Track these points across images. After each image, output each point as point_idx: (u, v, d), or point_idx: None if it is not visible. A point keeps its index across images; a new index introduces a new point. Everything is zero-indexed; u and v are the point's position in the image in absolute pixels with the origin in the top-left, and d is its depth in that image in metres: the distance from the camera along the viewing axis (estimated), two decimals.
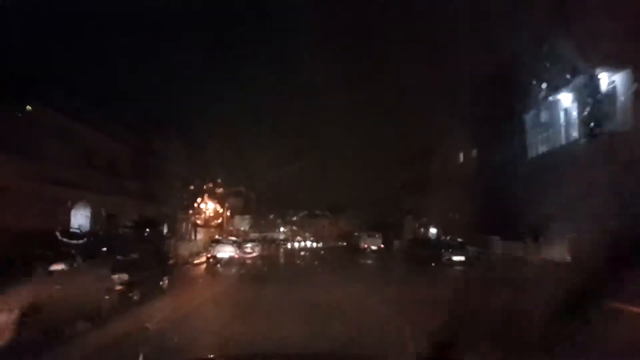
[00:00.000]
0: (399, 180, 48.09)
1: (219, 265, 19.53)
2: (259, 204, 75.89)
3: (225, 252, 20.79)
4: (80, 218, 19.76)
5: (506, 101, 26.16)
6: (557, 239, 19.38)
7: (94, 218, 20.49)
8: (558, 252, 17.99)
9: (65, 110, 18.45)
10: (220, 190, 45.80)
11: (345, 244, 68.20)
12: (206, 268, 18.85)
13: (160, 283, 9.79)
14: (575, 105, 20.47)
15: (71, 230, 16.69)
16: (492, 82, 26.32)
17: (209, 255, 20.92)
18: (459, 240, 22.07)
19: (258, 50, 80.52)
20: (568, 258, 16.86)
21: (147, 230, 21.85)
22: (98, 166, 21.56)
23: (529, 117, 24.35)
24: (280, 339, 5.54)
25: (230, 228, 44.76)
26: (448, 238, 26.03)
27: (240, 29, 74.47)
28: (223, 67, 73.63)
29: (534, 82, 23.19)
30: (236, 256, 20.98)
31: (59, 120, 18.17)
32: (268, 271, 17.62)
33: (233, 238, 23.57)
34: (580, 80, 19.64)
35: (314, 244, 73.03)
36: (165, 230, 29.52)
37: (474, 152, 31.01)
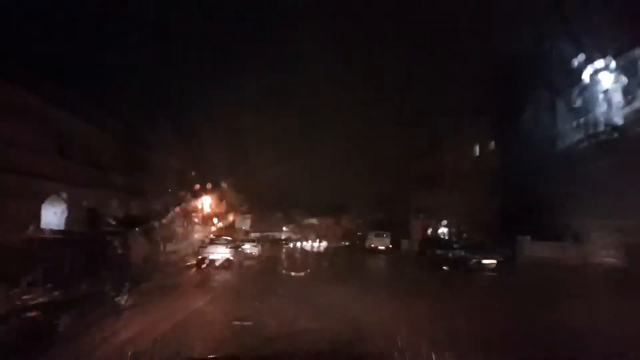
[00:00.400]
0: (406, 177, 45.59)
1: (210, 270, 16.90)
2: (261, 203, 73.46)
3: (219, 253, 18.17)
4: (54, 215, 17.35)
5: (531, 85, 23.69)
6: (599, 239, 16.90)
7: (71, 215, 18.07)
8: (606, 254, 15.48)
9: (36, 89, 16.05)
10: (219, 186, 43.43)
11: (348, 243, 66.22)
12: (194, 273, 16.28)
13: (117, 298, 7.27)
14: (618, 85, 17.97)
15: None
16: (514, 65, 23.89)
17: (199, 258, 18.34)
18: (482, 240, 19.38)
19: (259, 44, 78.21)
20: (618, 261, 14.33)
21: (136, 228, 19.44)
22: (77, 156, 19.15)
23: (560, 102, 21.83)
24: None
25: (220, 225, 42.04)
26: (465, 237, 23.52)
27: (241, 22, 72.07)
28: (222, 60, 71.15)
29: (567, 61, 20.69)
30: (232, 258, 18.38)
31: (29, 100, 15.76)
32: (267, 277, 15.08)
33: (227, 237, 20.81)
34: (626, 56, 17.16)
35: (317, 244, 70.99)
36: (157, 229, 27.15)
37: (492, 144, 28.51)
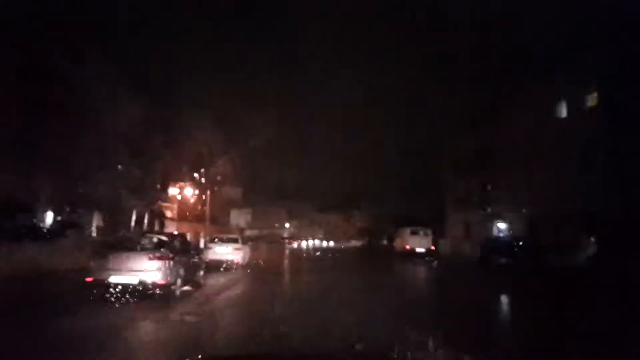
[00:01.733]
0: (441, 160, 36.45)
1: (94, 315, 6.50)
2: (261, 195, 64.93)
3: (130, 272, 7.77)
4: None
5: None
6: None
7: None
8: None
9: None
10: (207, 172, 34.47)
11: (362, 243, 58.77)
12: (46, 326, 6.24)
13: None
14: None
15: None
16: None
17: (91, 281, 8.00)
18: None
19: (267, 15, 69.38)
20: None
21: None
22: None
23: None
24: None
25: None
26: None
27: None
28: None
29: None
30: (162, 283, 7.93)
31: None
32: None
33: (162, 236, 9.36)
34: None
35: (325, 243, 63.00)
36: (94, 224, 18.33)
37: (592, 98, 19.23)
